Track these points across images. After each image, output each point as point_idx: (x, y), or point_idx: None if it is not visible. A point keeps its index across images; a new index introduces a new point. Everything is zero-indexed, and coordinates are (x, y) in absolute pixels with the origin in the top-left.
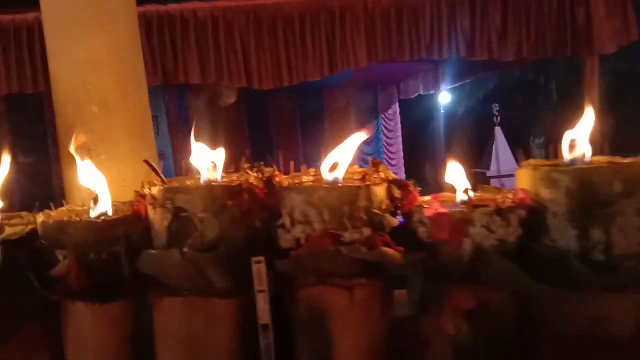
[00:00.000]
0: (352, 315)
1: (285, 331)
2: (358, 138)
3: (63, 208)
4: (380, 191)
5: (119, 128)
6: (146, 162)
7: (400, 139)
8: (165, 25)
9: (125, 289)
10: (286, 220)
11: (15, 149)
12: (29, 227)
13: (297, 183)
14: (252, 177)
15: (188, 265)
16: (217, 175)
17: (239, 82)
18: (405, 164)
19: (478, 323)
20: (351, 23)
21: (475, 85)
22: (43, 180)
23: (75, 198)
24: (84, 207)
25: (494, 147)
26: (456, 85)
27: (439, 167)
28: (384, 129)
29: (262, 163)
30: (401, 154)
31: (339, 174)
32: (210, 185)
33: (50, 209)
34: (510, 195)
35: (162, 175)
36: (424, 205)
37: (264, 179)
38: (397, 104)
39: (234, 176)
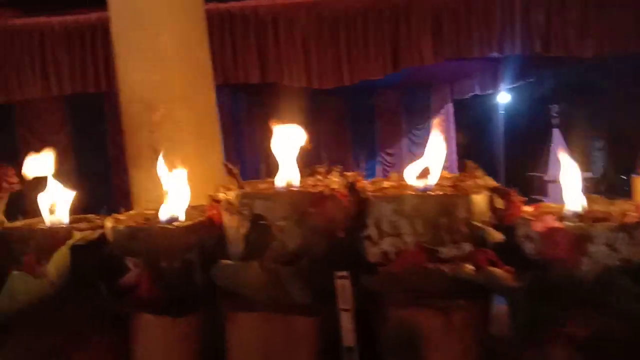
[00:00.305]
0: (449, 341)
1: (369, 353)
2: (439, 139)
3: (132, 212)
4: (480, 201)
5: (186, 127)
6: (225, 164)
7: (453, 141)
8: (225, 24)
9: (197, 300)
10: (372, 232)
11: (76, 149)
12: (98, 232)
13: (380, 189)
14: (335, 182)
15: (268, 278)
16: (295, 180)
17: (298, 81)
18: (459, 167)
19: (594, 354)
20: (417, 18)
21: (534, 84)
22: (102, 180)
23: (142, 200)
24: (154, 211)
25: (551, 149)
26: (515, 85)
27: (497, 170)
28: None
29: (341, 167)
30: (454, 156)
31: (431, 181)
32: (291, 192)
33: (116, 212)
34: (628, 207)
35: (240, 179)
36: (531, 218)
37: (347, 184)
38: (450, 104)
39: (310, 180)
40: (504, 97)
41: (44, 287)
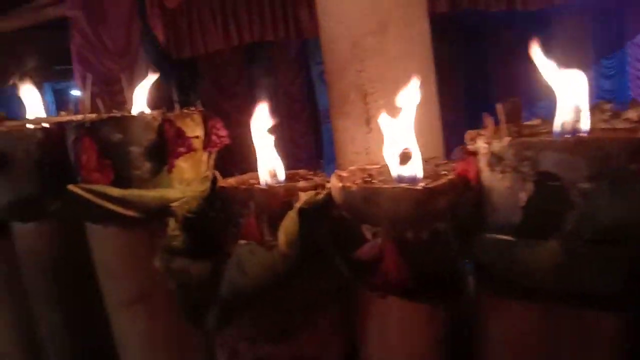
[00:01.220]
0: None
1: None
2: None
3: (354, 168)
4: None
5: (399, 64)
6: (509, 101)
7: None
8: None
9: (450, 281)
10: None
11: (252, 102)
12: (324, 192)
13: None
14: None
15: (563, 261)
16: (584, 121)
17: (497, 4)
18: None
19: None
20: None
21: None
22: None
23: (348, 152)
24: (378, 166)
25: None
26: None
27: None
28: (632, 60)
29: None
30: None
31: None
32: (601, 140)
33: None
34: None
35: (519, 121)
36: None
37: None
38: None
39: (601, 122)
40: None
41: (275, 259)
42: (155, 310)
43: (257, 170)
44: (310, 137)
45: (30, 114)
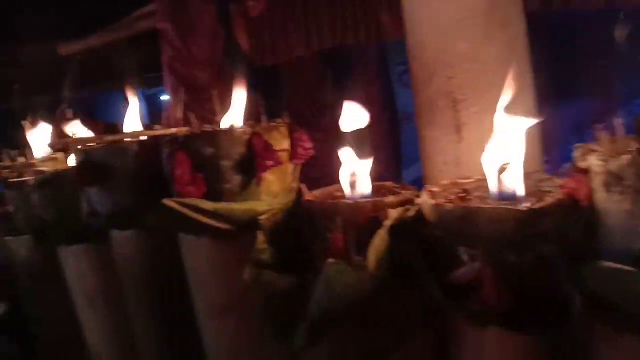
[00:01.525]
0: None
1: None
2: None
3: (446, 182)
4: None
5: (493, 69)
6: (636, 118)
7: None
8: None
9: (557, 311)
10: None
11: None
12: (414, 209)
13: None
14: None
15: None
16: None
17: (595, 1)
18: None
19: None
20: None
21: None
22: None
23: (438, 162)
24: (471, 181)
25: None
26: None
27: None
28: None
29: None
30: None
31: None
32: None
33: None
34: None
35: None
36: None
37: None
38: None
39: None
40: None
41: (364, 280)
42: (243, 321)
43: (338, 176)
44: (389, 139)
45: (127, 125)
